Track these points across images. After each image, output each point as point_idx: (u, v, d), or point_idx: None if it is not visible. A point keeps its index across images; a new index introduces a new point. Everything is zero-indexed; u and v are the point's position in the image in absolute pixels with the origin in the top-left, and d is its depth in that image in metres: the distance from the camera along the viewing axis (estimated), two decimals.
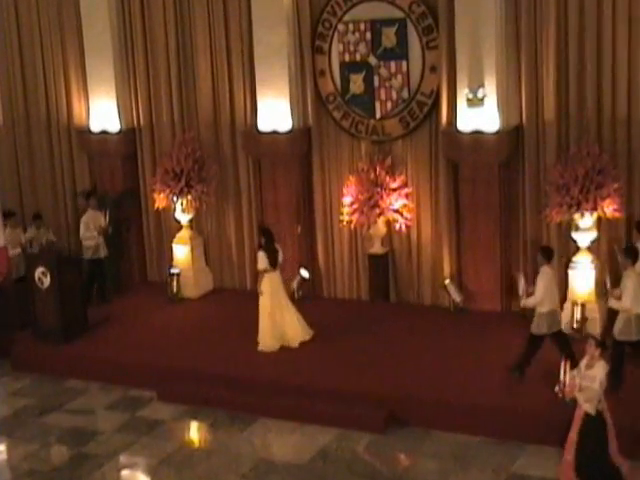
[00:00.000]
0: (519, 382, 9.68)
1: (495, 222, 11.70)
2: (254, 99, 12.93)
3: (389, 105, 12.30)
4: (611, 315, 10.11)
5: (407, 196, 12.27)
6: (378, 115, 12.38)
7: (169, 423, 10.30)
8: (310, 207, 13.09)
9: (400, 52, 12.05)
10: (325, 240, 13.05)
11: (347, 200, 12.40)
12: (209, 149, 13.37)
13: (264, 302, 11.11)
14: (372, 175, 12.16)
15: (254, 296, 11.57)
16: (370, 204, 12.12)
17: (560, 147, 11.42)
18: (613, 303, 9.43)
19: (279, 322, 11.10)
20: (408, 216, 12.25)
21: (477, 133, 11.43)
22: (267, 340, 11.11)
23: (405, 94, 12.19)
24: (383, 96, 12.30)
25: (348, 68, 12.46)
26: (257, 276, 11.45)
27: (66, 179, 14.69)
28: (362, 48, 12.30)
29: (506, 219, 11.84)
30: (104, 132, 13.88)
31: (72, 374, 11.54)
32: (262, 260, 11.14)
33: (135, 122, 13.94)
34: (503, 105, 11.39)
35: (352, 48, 12.36)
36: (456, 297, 11.69)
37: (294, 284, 12.43)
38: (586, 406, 7.75)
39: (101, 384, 11.32)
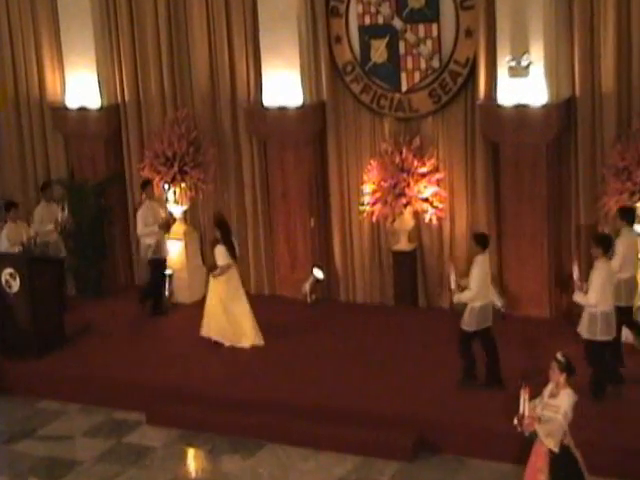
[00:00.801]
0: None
1: (542, 212, 11.67)
2: (258, 70, 12.90)
3: (417, 76, 12.28)
4: None
5: (438, 183, 12.27)
6: (404, 88, 12.38)
7: (160, 450, 10.26)
8: (325, 196, 13.10)
9: (430, 13, 12.03)
10: (342, 235, 13.11)
11: (368, 188, 12.42)
12: (206, 129, 13.36)
13: (220, 296, 11.50)
14: (397, 158, 12.21)
15: (259, 301, 11.49)
16: (395, 192, 12.14)
17: (620, 123, 11.32)
18: (578, 297, 9.73)
19: (232, 319, 11.53)
20: (440, 206, 12.26)
21: (521, 107, 11.37)
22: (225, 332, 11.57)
23: (436, 63, 12.15)
24: (410, 65, 12.29)
25: (369, 33, 12.42)
26: (208, 275, 11.96)
27: (38, 165, 14.64)
28: (385, 9, 12.24)
29: (555, 209, 11.79)
30: (82, 109, 13.86)
31: (46, 394, 11.48)
32: (223, 255, 11.47)
33: (119, 97, 13.94)
34: (552, 74, 11.33)
35: (373, 9, 12.33)
36: (496, 301, 11.50)
37: (306, 286, 12.41)
38: (548, 441, 7.68)
39: (80, 405, 11.30)
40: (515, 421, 7.73)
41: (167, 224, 12.94)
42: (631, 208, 10.56)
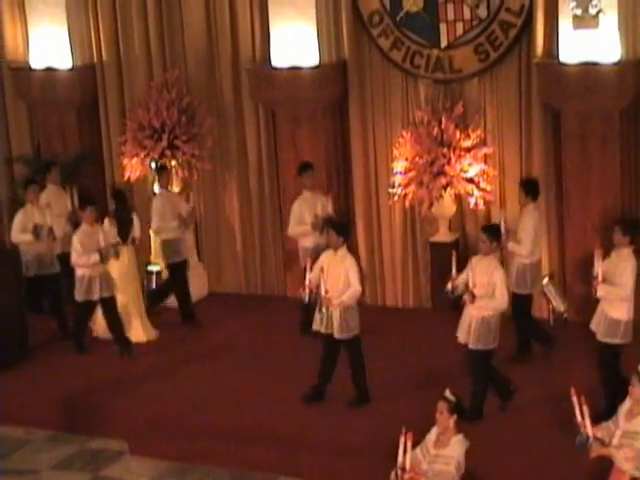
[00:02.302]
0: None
1: (614, 196, 11.65)
2: (265, 23, 12.92)
3: (459, 28, 12.26)
4: None
5: (486, 159, 12.29)
6: (444, 42, 12.38)
7: None
8: (346, 176, 13.16)
9: None
10: (368, 222, 13.18)
11: (399, 166, 12.39)
12: (202, 95, 13.43)
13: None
14: (435, 129, 12.25)
15: (267, 303, 11.36)
16: (433, 171, 12.16)
17: None
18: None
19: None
20: (487, 188, 12.25)
21: (588, 66, 11.35)
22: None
23: (483, 12, 12.14)
24: (451, 15, 12.30)
25: None
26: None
27: None
28: None
29: (631, 191, 11.78)
30: (50, 70, 13.90)
31: (7, 419, 11.43)
32: (110, 231, 11.94)
33: (95, 56, 13.98)
34: (627, 24, 11.29)
35: None
36: (558, 304, 11.50)
37: None
38: None
39: (49, 432, 11.30)
40: (392, 476, 7.73)
41: (189, 219, 12.89)
42: (535, 180, 11.37)
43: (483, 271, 9.94)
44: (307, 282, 10.43)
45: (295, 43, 12.63)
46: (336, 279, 10.34)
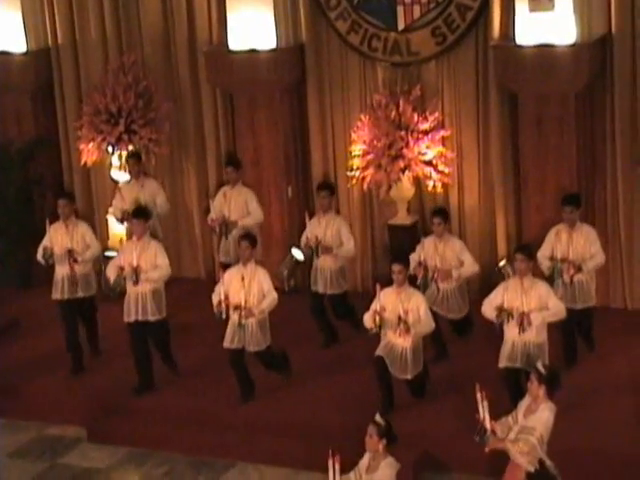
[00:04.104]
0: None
1: (571, 177, 11.67)
2: (222, 5, 12.88)
3: (417, 10, 12.27)
4: None
5: (444, 142, 12.31)
6: (401, 25, 12.38)
7: (105, 473, 10.27)
8: (305, 160, 13.17)
9: None
10: None
11: (358, 149, 12.41)
12: (158, 78, 13.38)
13: None
14: (393, 112, 12.24)
15: None
16: (391, 154, 12.15)
17: None
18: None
19: None
20: (445, 170, 12.26)
21: (544, 48, 11.37)
22: None
23: None
24: None
25: None
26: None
27: None
28: None
29: (587, 173, 11.82)
30: (4, 53, 13.82)
31: None
32: None
33: (50, 39, 13.90)
34: (582, 7, 11.29)
35: None
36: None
37: (283, 269, 12.31)
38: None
39: (5, 420, 11.24)
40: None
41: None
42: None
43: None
44: (222, 297, 10.38)
45: (252, 26, 12.59)
46: (253, 291, 10.40)
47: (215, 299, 10.45)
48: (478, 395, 8.00)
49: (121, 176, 13.36)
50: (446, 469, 9.76)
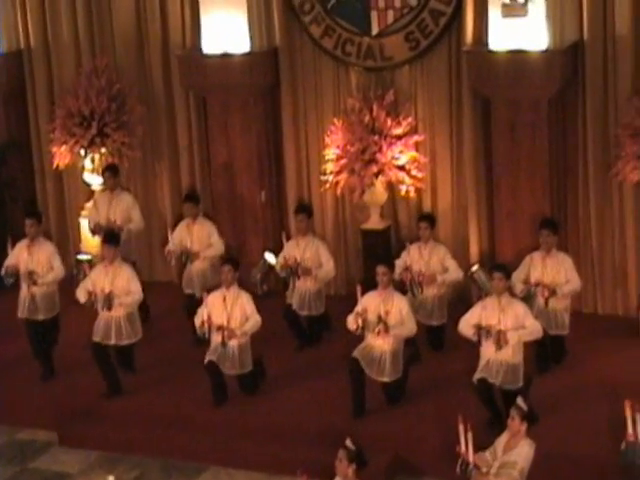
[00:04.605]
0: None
1: (543, 183, 11.72)
2: (196, 8, 12.90)
3: (390, 15, 12.30)
4: None
5: (417, 147, 12.34)
6: (375, 30, 12.42)
7: (76, 477, 10.25)
8: (278, 164, 13.18)
9: None
10: None
11: (331, 154, 12.43)
12: (131, 81, 13.38)
13: None
14: (367, 117, 12.27)
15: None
16: (364, 159, 12.18)
17: (638, 73, 11.42)
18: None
19: None
20: (418, 175, 12.30)
21: (517, 53, 11.41)
22: None
23: (413, 0, 12.10)
24: (382, 2, 12.32)
25: None
26: None
27: None
28: None
29: (559, 179, 11.86)
30: None
31: None
32: None
33: (22, 42, 13.91)
34: (555, 13, 11.36)
35: None
36: (487, 289, 11.54)
37: (256, 273, 12.33)
38: None
39: None
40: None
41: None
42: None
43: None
44: (205, 317, 10.43)
45: (226, 29, 12.59)
46: (235, 313, 10.46)
47: (198, 321, 10.53)
48: (461, 427, 8.00)
49: (93, 179, 13.33)
50: (418, 473, 9.79)
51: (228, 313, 10.47)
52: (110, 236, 11.25)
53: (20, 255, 11.41)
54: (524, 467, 8.11)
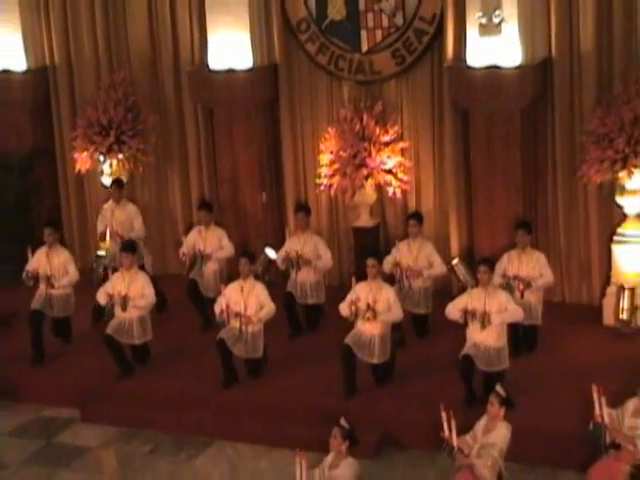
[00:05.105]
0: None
1: (516, 186, 11.67)
2: (203, 28, 12.84)
3: (378, 34, 12.26)
4: None
5: (403, 152, 12.31)
6: (364, 48, 12.38)
7: (96, 451, 10.24)
8: (278, 168, 13.11)
9: None
10: None
11: (325, 159, 12.40)
12: (145, 94, 13.34)
13: None
14: (357, 126, 12.23)
15: None
16: (355, 163, 12.14)
17: (601, 86, 11.39)
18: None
19: None
20: (404, 178, 12.27)
21: (492, 69, 11.37)
22: None
23: (399, 20, 12.14)
24: (371, 23, 12.27)
25: None
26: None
27: None
28: None
29: (531, 182, 11.83)
30: (5, 72, 13.71)
31: None
32: None
33: (47, 59, 13.83)
34: (526, 32, 11.33)
35: None
36: (467, 281, 11.55)
37: (258, 266, 12.26)
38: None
39: (5, 402, 11.17)
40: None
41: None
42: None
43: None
44: (224, 306, 10.47)
45: (231, 47, 12.54)
46: (251, 301, 10.46)
47: (217, 309, 10.58)
48: (444, 414, 8.01)
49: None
50: (404, 447, 9.77)
51: (245, 302, 10.46)
52: (127, 245, 11.32)
53: (39, 261, 11.46)
54: (502, 447, 8.13)
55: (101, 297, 11.07)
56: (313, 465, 8.10)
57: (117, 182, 12.67)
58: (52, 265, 11.38)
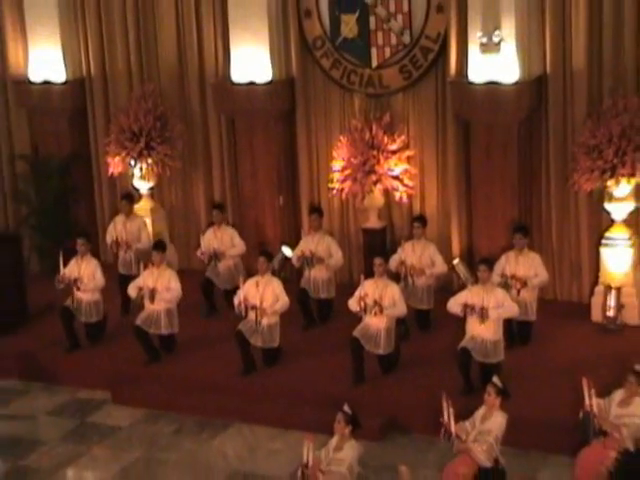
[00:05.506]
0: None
1: (513, 192, 11.63)
2: (227, 45, 12.81)
3: (387, 51, 12.21)
4: None
5: (409, 160, 12.25)
6: (374, 63, 12.33)
7: (125, 430, 10.25)
8: (294, 174, 13.06)
9: None
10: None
11: (337, 165, 12.36)
12: (173, 104, 13.30)
13: None
14: (367, 135, 12.17)
15: None
16: (365, 170, 12.08)
17: (591, 101, 11.33)
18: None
19: None
20: (410, 184, 12.24)
21: (492, 84, 11.34)
22: None
23: (406, 38, 12.08)
24: (380, 40, 12.22)
25: (339, 7, 12.33)
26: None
27: (2, 140, 14.44)
28: None
29: (526, 188, 11.78)
30: (46, 83, 13.68)
31: (8, 372, 11.36)
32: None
33: (84, 71, 13.81)
34: (523, 51, 11.29)
35: None
36: (467, 279, 11.53)
37: (275, 263, 12.26)
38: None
39: (43, 384, 11.23)
40: (299, 473, 7.80)
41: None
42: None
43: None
44: (242, 299, 10.51)
45: (251, 62, 12.50)
46: (267, 295, 10.48)
47: (236, 301, 10.59)
48: (444, 402, 8.01)
49: (141, 184, 13.28)
50: (407, 431, 9.76)
51: (261, 295, 10.47)
52: (158, 245, 11.41)
53: (71, 268, 11.50)
54: (498, 434, 8.12)
55: (132, 290, 11.13)
56: (322, 446, 8.08)
57: (128, 197, 12.67)
58: (82, 271, 11.41)
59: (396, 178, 12.12)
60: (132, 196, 12.81)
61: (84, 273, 11.39)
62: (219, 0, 12.74)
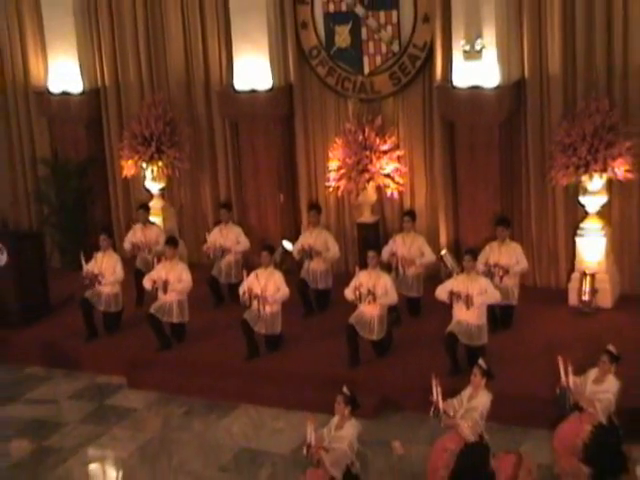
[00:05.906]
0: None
1: (495, 188, 11.61)
2: (230, 55, 12.78)
3: (378, 59, 12.19)
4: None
5: (399, 159, 12.23)
6: (366, 70, 12.31)
7: (140, 412, 10.26)
8: (293, 173, 13.04)
9: (390, 0, 11.93)
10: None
11: (333, 165, 12.34)
12: (181, 111, 13.28)
13: None
14: (360, 137, 12.14)
15: None
16: (358, 169, 12.07)
17: (566, 103, 11.31)
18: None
19: None
20: (400, 181, 12.21)
21: (475, 89, 11.30)
22: None
23: (396, 47, 12.06)
24: (371, 49, 12.20)
25: (333, 19, 12.30)
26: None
27: (25, 146, 14.43)
28: None
29: (507, 184, 11.77)
30: (65, 93, 13.66)
31: (32, 360, 11.39)
32: None
33: (99, 82, 13.80)
34: (503, 58, 11.27)
35: None
36: (453, 268, 11.48)
37: (277, 256, 12.24)
38: (332, 471, 7.79)
39: (65, 371, 11.23)
40: (304, 451, 7.73)
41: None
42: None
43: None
44: (246, 289, 10.49)
45: (253, 71, 12.48)
46: (269, 286, 10.45)
47: (241, 291, 10.57)
48: (433, 381, 8.00)
49: (152, 186, 13.24)
50: (400, 409, 9.75)
51: (263, 286, 10.43)
52: (171, 240, 11.38)
53: (95, 262, 11.46)
54: (483, 411, 8.09)
55: (147, 282, 11.11)
56: (323, 425, 8.06)
57: (144, 207, 12.62)
58: (104, 266, 11.37)
59: (387, 176, 12.10)
60: (147, 206, 12.77)
61: (105, 267, 11.36)
62: (223, 14, 12.72)
